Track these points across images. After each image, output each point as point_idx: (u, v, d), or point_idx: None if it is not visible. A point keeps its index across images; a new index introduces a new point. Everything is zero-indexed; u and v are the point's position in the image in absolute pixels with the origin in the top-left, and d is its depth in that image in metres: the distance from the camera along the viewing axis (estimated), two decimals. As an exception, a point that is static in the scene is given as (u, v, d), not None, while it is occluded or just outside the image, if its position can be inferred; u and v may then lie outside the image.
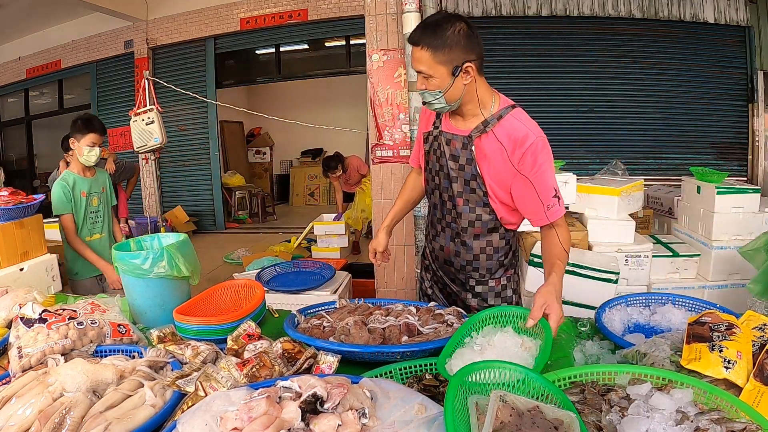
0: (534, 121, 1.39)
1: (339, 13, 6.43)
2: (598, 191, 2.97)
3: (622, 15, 5.75)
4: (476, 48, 1.29)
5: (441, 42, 1.24)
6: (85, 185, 2.67)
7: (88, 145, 2.51)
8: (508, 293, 1.63)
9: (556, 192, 1.37)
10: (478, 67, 1.31)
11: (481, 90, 1.35)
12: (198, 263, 1.77)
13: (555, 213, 1.38)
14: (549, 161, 1.36)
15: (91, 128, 2.50)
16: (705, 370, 0.97)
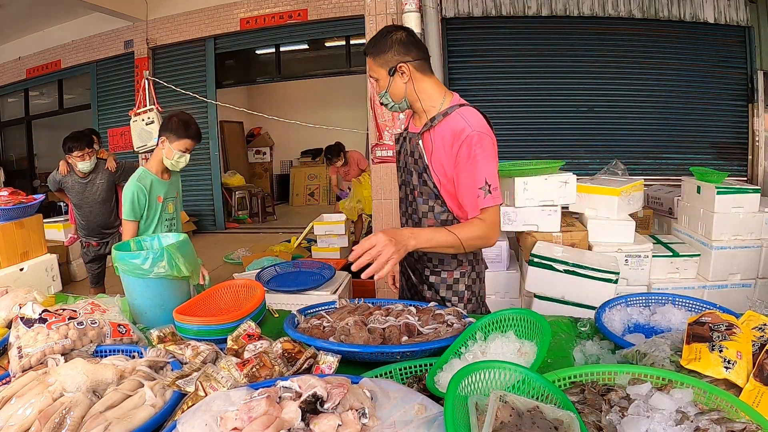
0: (481, 119, 1.48)
1: (339, 13, 6.44)
2: (598, 191, 2.97)
3: (622, 15, 5.75)
4: (413, 51, 1.48)
5: (378, 49, 1.47)
6: (162, 189, 2.42)
7: (180, 150, 2.30)
8: (460, 288, 1.64)
9: (487, 184, 1.41)
10: (415, 67, 1.48)
11: (425, 89, 1.51)
12: (198, 264, 1.77)
13: (484, 202, 1.42)
14: (485, 154, 1.42)
15: (188, 133, 2.30)
16: (705, 370, 0.97)
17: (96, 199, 3.49)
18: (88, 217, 3.53)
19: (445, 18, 5.83)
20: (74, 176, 3.43)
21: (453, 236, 1.39)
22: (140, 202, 2.28)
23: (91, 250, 3.62)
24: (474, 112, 1.50)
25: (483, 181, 1.41)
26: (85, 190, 3.46)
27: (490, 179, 1.42)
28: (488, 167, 1.43)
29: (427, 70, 1.54)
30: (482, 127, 1.45)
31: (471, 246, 1.44)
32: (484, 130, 1.45)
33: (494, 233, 1.44)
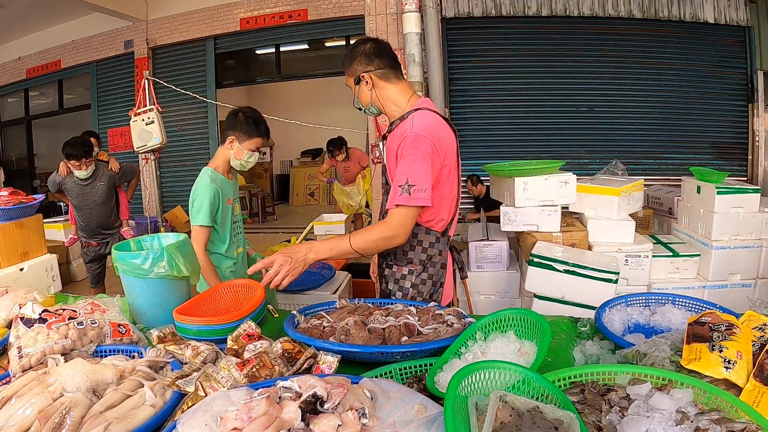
0: (427, 122, 1.49)
1: (339, 13, 6.43)
2: (598, 191, 2.97)
3: (622, 15, 5.75)
4: (375, 61, 1.57)
5: (346, 62, 1.62)
6: (230, 190, 2.26)
7: (251, 150, 2.15)
8: (405, 284, 1.66)
9: (408, 183, 1.42)
10: (378, 76, 1.58)
11: (388, 95, 1.60)
12: (198, 264, 1.77)
13: (399, 199, 1.43)
14: (415, 155, 1.43)
15: (259, 131, 2.16)
16: (705, 370, 0.97)
17: (96, 201, 3.49)
18: (88, 218, 3.53)
19: (445, 18, 5.83)
20: (74, 178, 3.42)
21: (347, 244, 1.43)
22: (214, 206, 2.11)
23: (90, 250, 3.62)
24: (426, 115, 1.51)
25: (404, 179, 1.42)
26: (85, 192, 3.46)
27: (412, 179, 1.42)
28: (414, 167, 1.43)
29: (392, 77, 1.60)
30: (423, 129, 1.47)
31: (370, 249, 1.47)
32: (423, 132, 1.46)
33: (399, 233, 1.44)
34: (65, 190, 3.49)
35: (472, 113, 6.08)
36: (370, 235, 1.43)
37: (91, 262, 3.67)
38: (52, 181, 3.50)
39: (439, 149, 1.48)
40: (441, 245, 1.65)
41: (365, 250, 1.45)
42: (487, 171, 3.24)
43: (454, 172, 1.59)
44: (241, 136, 2.12)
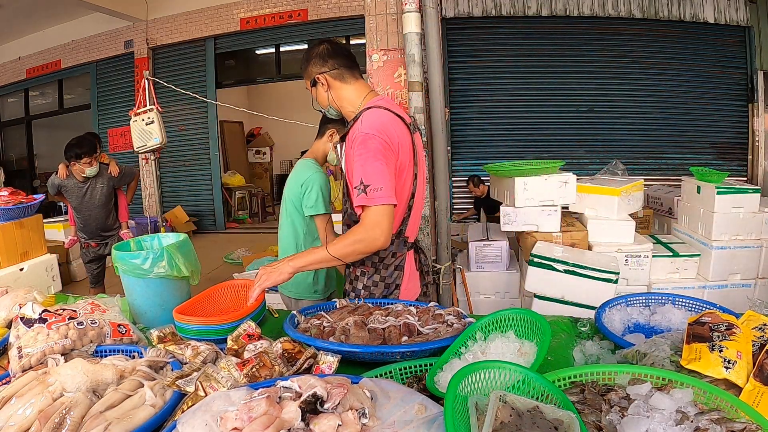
0: (376, 120, 1.46)
1: (339, 13, 6.43)
2: (598, 191, 2.97)
3: (622, 15, 5.76)
4: (330, 62, 1.56)
5: (303, 65, 1.61)
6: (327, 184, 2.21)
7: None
8: (358, 285, 1.65)
9: (362, 183, 1.40)
10: (332, 76, 1.56)
11: (344, 95, 1.58)
12: (198, 263, 1.77)
13: (358, 200, 1.41)
14: (365, 155, 1.41)
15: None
16: (705, 370, 0.97)
17: (95, 202, 3.49)
18: (87, 220, 3.53)
19: (445, 18, 5.83)
20: (74, 180, 3.42)
21: (324, 252, 1.42)
22: (325, 194, 2.02)
23: (90, 251, 3.63)
24: (375, 113, 1.49)
25: (359, 180, 1.40)
26: (85, 194, 3.46)
27: (366, 179, 1.39)
28: (365, 167, 1.40)
29: (348, 77, 1.58)
30: (371, 127, 1.43)
31: (348, 254, 1.43)
32: (371, 130, 1.42)
33: (374, 234, 1.38)
34: (65, 192, 3.48)
35: (472, 113, 6.08)
36: (345, 240, 1.41)
37: (90, 263, 3.67)
38: (51, 183, 3.50)
39: (391, 145, 1.45)
40: (394, 247, 1.60)
41: (343, 255, 1.42)
42: (487, 171, 3.24)
43: (409, 171, 1.54)
44: (341, 130, 2.00)
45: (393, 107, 1.56)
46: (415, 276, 1.71)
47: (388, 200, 1.39)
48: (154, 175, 4.93)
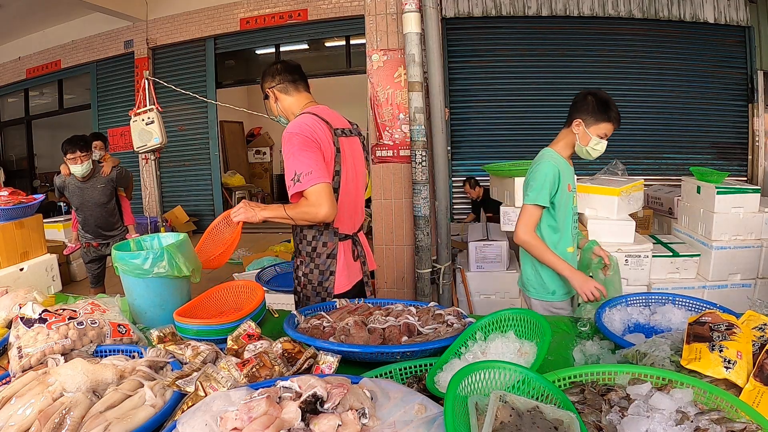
0: (298, 122, 1.67)
1: (339, 13, 6.43)
2: (598, 191, 2.97)
3: (622, 15, 5.75)
4: (277, 78, 1.82)
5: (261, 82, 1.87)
6: (571, 176, 1.97)
7: (599, 136, 1.87)
8: (299, 273, 1.84)
9: (296, 174, 1.61)
10: (279, 90, 1.82)
11: (288, 106, 1.84)
12: (199, 263, 1.77)
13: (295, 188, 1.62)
14: (290, 151, 1.64)
15: (610, 116, 1.88)
16: (705, 370, 0.97)
17: (95, 201, 3.49)
18: (88, 219, 3.54)
19: (445, 18, 5.83)
20: (74, 179, 3.42)
21: (282, 210, 1.65)
22: (554, 187, 1.87)
23: (91, 250, 3.63)
24: (301, 117, 1.70)
25: (293, 173, 1.61)
26: (85, 193, 3.46)
27: (299, 169, 1.61)
28: (295, 160, 1.62)
29: (292, 90, 1.83)
30: (293, 127, 1.65)
31: (298, 219, 1.64)
32: (293, 129, 1.65)
33: (320, 208, 1.60)
34: (66, 191, 3.49)
35: (472, 113, 6.08)
36: (298, 208, 1.63)
37: (91, 263, 3.67)
38: (55, 184, 3.51)
39: (311, 140, 1.64)
40: (325, 237, 1.77)
41: (294, 217, 1.63)
42: (487, 171, 3.24)
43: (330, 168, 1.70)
44: (588, 120, 1.89)
45: (322, 113, 1.75)
46: (351, 265, 1.84)
47: (319, 179, 1.59)
48: (154, 175, 4.93)
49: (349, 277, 1.82)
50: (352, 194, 1.83)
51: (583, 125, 1.89)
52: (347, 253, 1.82)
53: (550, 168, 1.88)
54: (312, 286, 1.80)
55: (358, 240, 1.88)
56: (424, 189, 2.85)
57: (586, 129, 1.88)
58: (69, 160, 3.27)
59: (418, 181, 2.84)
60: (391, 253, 3.12)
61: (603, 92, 1.93)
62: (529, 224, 1.88)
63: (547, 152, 1.98)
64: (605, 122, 1.87)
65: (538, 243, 1.87)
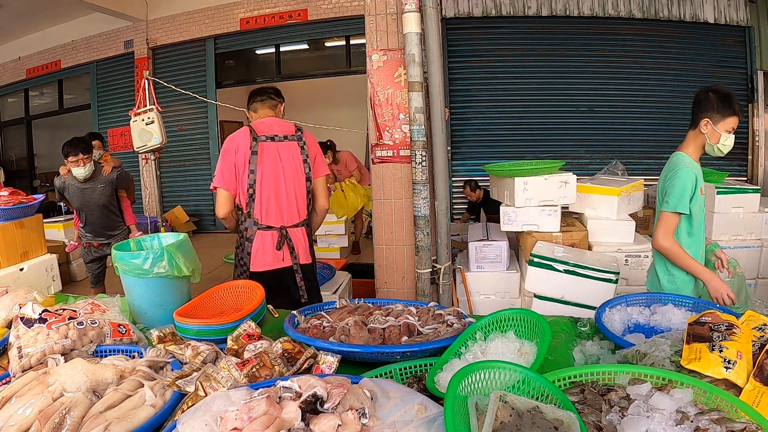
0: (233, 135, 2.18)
1: (339, 13, 6.43)
2: (598, 191, 2.97)
3: (622, 15, 5.75)
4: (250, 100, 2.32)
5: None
6: (701, 179, 1.95)
7: (726, 131, 1.87)
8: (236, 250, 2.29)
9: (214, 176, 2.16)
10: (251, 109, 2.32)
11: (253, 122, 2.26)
12: (199, 262, 1.77)
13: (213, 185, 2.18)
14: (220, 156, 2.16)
15: (734, 110, 1.87)
16: (705, 370, 0.97)
17: (96, 202, 3.48)
18: (89, 219, 3.54)
19: (445, 18, 5.83)
20: (74, 180, 3.41)
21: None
22: (691, 193, 1.87)
23: (92, 250, 3.63)
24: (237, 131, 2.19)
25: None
26: (85, 194, 3.45)
27: (215, 171, 2.14)
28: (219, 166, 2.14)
29: (259, 109, 2.29)
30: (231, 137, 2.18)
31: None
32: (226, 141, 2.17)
33: (217, 208, 2.17)
34: (66, 192, 3.48)
35: (472, 113, 6.08)
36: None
37: (91, 263, 3.67)
38: (56, 185, 3.51)
39: (229, 149, 2.13)
40: (247, 224, 2.19)
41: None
42: (486, 171, 3.24)
43: (246, 168, 2.13)
44: (715, 117, 1.87)
45: (258, 125, 2.20)
46: (270, 251, 2.19)
47: (219, 183, 2.14)
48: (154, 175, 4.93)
49: (265, 261, 2.18)
50: (276, 191, 2.18)
51: (710, 123, 1.88)
52: (266, 241, 2.19)
53: (688, 175, 1.87)
54: (238, 259, 2.27)
55: (286, 233, 2.21)
56: (424, 189, 2.85)
57: (714, 127, 1.87)
58: (71, 162, 3.26)
59: (418, 181, 2.84)
60: (391, 253, 3.12)
61: (722, 86, 1.93)
62: (668, 231, 1.90)
63: (682, 157, 1.95)
64: (731, 116, 1.86)
65: (678, 249, 1.88)
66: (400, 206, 3.06)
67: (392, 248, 3.11)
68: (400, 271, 3.13)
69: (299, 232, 2.25)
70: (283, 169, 2.17)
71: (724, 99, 1.86)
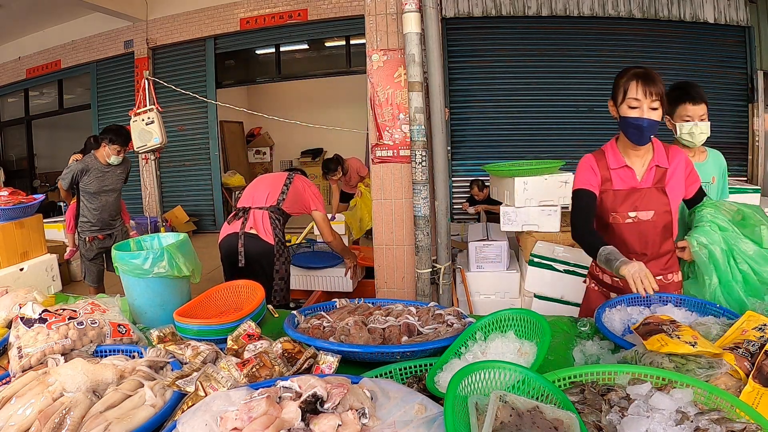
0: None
1: (339, 13, 6.43)
2: (598, 191, 2.96)
3: (622, 15, 5.75)
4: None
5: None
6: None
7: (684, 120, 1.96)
8: None
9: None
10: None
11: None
12: (199, 263, 1.77)
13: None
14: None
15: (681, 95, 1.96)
16: (677, 350, 1.01)
17: (113, 188, 3.68)
18: (104, 206, 3.66)
19: (445, 18, 5.83)
20: (99, 164, 3.60)
21: None
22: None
23: (95, 244, 3.67)
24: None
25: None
26: (105, 177, 3.63)
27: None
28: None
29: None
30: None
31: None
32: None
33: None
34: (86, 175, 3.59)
35: (472, 113, 6.08)
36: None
37: (94, 259, 3.69)
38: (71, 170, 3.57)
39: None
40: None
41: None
42: (486, 171, 3.24)
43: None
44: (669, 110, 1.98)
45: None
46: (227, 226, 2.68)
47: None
48: (154, 175, 4.93)
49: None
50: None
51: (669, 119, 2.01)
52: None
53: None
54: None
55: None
56: (424, 189, 2.85)
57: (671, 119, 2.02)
58: (113, 150, 3.56)
59: (418, 181, 2.84)
60: (390, 253, 3.12)
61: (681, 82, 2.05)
62: None
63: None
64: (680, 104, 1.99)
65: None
66: (400, 206, 3.06)
67: (392, 248, 3.11)
68: (400, 271, 3.13)
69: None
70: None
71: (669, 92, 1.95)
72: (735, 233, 1.51)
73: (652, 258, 1.65)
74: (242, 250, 2.59)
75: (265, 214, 2.68)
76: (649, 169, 1.64)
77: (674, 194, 1.63)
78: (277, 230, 2.69)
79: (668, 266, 1.68)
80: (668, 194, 1.62)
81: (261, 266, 2.62)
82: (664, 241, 1.66)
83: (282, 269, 2.70)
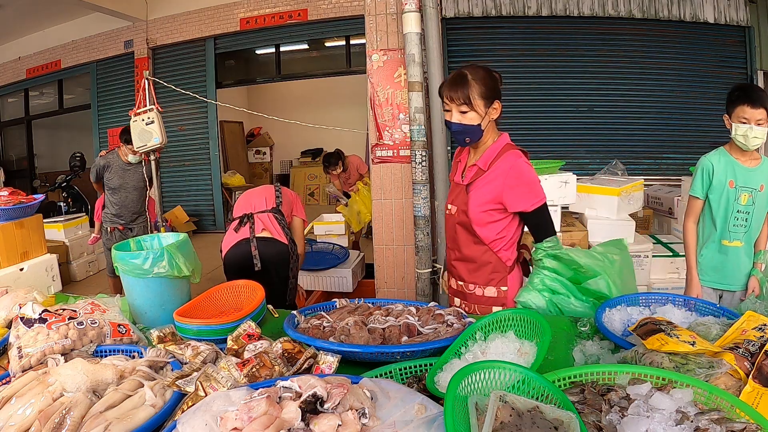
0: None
1: (339, 13, 6.43)
2: (598, 191, 2.97)
3: (622, 15, 5.75)
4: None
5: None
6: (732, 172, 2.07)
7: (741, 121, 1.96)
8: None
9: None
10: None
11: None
12: (199, 262, 1.77)
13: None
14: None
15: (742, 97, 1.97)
16: (677, 349, 1.01)
17: (134, 185, 3.87)
18: (124, 201, 3.86)
19: (445, 18, 5.82)
20: (119, 160, 3.82)
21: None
22: (699, 180, 2.10)
23: (116, 234, 3.86)
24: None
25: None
26: (126, 175, 3.84)
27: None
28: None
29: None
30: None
31: None
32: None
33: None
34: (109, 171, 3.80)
35: (472, 113, 6.07)
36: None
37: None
38: (97, 165, 3.83)
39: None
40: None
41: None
42: (487, 171, 3.24)
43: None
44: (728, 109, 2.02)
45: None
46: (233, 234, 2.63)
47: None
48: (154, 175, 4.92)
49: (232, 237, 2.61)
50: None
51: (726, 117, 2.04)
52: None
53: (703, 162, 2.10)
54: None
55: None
56: (423, 189, 2.85)
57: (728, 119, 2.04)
58: (129, 149, 3.81)
59: (418, 181, 2.84)
60: (391, 253, 3.13)
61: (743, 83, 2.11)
62: (688, 214, 2.18)
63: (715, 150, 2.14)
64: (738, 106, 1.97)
65: (687, 236, 2.17)
66: (399, 206, 3.06)
67: (392, 248, 3.11)
68: (400, 271, 3.13)
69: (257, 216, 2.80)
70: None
71: (731, 92, 2.01)
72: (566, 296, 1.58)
73: (460, 258, 1.72)
74: (256, 253, 2.54)
75: (270, 215, 2.67)
76: (470, 167, 1.68)
77: (478, 198, 1.61)
78: (285, 229, 2.69)
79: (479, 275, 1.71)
80: (469, 194, 1.62)
81: (276, 268, 2.58)
82: (472, 243, 1.66)
83: (294, 267, 2.69)
